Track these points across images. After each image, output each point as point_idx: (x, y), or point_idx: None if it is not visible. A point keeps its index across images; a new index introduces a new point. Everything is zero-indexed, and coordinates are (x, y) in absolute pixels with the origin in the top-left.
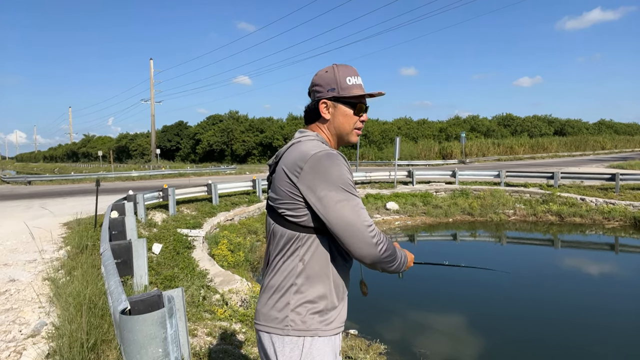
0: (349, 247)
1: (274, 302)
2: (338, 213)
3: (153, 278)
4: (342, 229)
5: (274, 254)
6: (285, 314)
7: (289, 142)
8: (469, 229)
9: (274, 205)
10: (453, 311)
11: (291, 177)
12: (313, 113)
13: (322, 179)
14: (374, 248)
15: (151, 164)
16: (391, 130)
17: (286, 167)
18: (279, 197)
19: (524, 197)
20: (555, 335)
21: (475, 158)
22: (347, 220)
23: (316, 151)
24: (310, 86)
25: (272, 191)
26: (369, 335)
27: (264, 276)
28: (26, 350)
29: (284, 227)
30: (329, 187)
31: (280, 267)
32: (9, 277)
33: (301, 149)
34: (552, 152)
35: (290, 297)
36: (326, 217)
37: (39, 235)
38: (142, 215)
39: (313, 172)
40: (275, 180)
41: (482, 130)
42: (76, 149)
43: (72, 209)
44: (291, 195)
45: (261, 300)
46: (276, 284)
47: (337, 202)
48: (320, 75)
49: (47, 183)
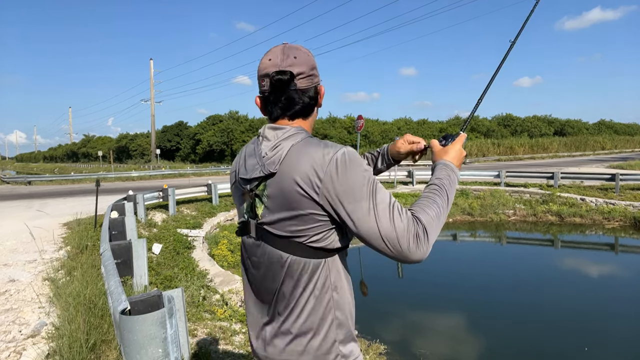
0: (391, 257)
1: (316, 346)
2: (370, 224)
3: (153, 278)
4: (379, 244)
5: (291, 290)
6: (337, 353)
7: (274, 144)
8: (469, 229)
9: (280, 232)
10: (452, 311)
11: (309, 192)
12: (310, 103)
13: (352, 187)
14: (415, 248)
15: (151, 164)
16: (391, 130)
17: (298, 182)
18: (295, 221)
19: (524, 197)
20: (555, 335)
21: (475, 158)
22: (385, 231)
23: (333, 152)
24: (285, 68)
25: (272, 211)
26: (369, 336)
27: (273, 319)
28: (26, 350)
29: (307, 257)
30: (359, 196)
31: (309, 305)
32: (9, 277)
33: (312, 152)
34: (552, 153)
35: (336, 333)
36: (359, 233)
37: (39, 236)
38: (142, 216)
39: (338, 182)
40: (273, 196)
41: (482, 130)
42: (76, 149)
43: (72, 209)
44: (314, 215)
45: (289, 350)
46: (312, 326)
47: (369, 210)
48: (307, 54)
49: (47, 183)
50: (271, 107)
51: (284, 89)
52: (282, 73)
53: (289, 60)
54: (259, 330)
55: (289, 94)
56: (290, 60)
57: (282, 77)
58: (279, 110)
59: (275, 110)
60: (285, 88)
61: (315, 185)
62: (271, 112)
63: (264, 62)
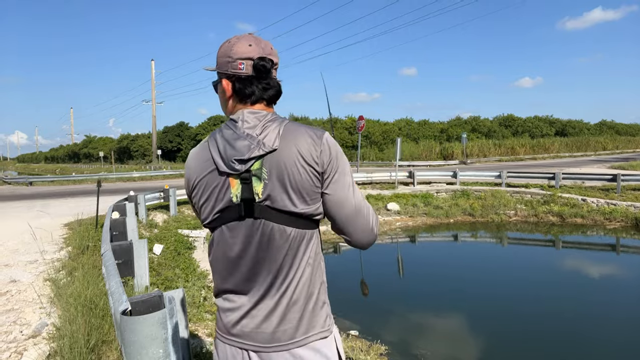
0: (351, 233)
1: (311, 309)
2: (351, 198)
3: (154, 279)
4: (351, 216)
5: (291, 262)
6: (326, 313)
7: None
8: (470, 230)
9: (282, 206)
10: (453, 312)
11: (311, 162)
12: (279, 92)
13: (341, 162)
14: (374, 232)
15: (152, 164)
16: (392, 131)
17: (306, 153)
18: (296, 193)
19: (525, 198)
20: (556, 336)
21: (476, 159)
22: (357, 205)
23: (322, 132)
24: (267, 56)
25: (274, 187)
26: (370, 336)
27: (268, 295)
28: (27, 350)
29: (306, 228)
30: (345, 171)
31: (305, 274)
32: (10, 277)
33: (304, 130)
34: (554, 153)
35: (324, 295)
36: (339, 204)
37: (40, 236)
38: (143, 216)
39: (332, 154)
40: (273, 172)
41: (483, 131)
42: (77, 150)
43: (74, 209)
44: (313, 186)
45: (287, 319)
46: (309, 292)
47: (350, 185)
48: (270, 44)
49: (48, 184)
50: (252, 89)
51: (265, 74)
52: (265, 60)
53: (269, 49)
54: (247, 310)
55: (268, 80)
56: (269, 50)
57: (265, 63)
58: (259, 92)
59: (256, 91)
60: (267, 74)
61: (315, 156)
62: (251, 92)
63: (242, 46)
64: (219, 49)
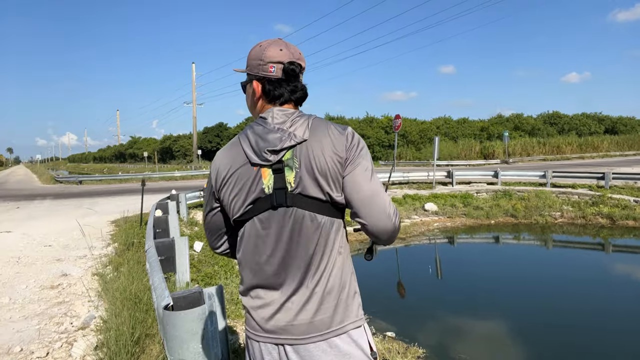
0: (366, 216)
1: (345, 297)
2: (367, 181)
3: (194, 275)
4: (367, 199)
5: (323, 250)
6: (358, 302)
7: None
8: (512, 232)
9: (314, 194)
10: (494, 316)
11: (339, 151)
12: (305, 95)
13: (362, 149)
14: (392, 220)
15: (193, 164)
16: (430, 129)
17: (332, 143)
18: (326, 180)
19: (572, 199)
20: (603, 346)
21: (519, 158)
22: (374, 189)
23: (345, 126)
24: (296, 60)
25: (306, 175)
26: (407, 338)
27: (302, 285)
28: (76, 342)
29: (335, 217)
30: (364, 156)
31: (337, 263)
32: (62, 271)
33: (330, 124)
34: (603, 152)
35: (355, 284)
36: (355, 186)
37: (88, 233)
38: (184, 214)
39: (353, 142)
40: (305, 161)
41: (527, 129)
42: (123, 150)
43: (120, 207)
44: (337, 173)
45: (323, 308)
46: (342, 280)
47: (368, 170)
48: (298, 49)
49: (96, 183)
50: (281, 91)
51: (294, 78)
52: (294, 64)
53: (297, 54)
54: (281, 303)
55: (296, 83)
56: (298, 55)
57: (294, 67)
58: (287, 94)
59: (285, 93)
60: (295, 77)
61: (339, 145)
62: (280, 94)
63: (273, 50)
64: (250, 52)
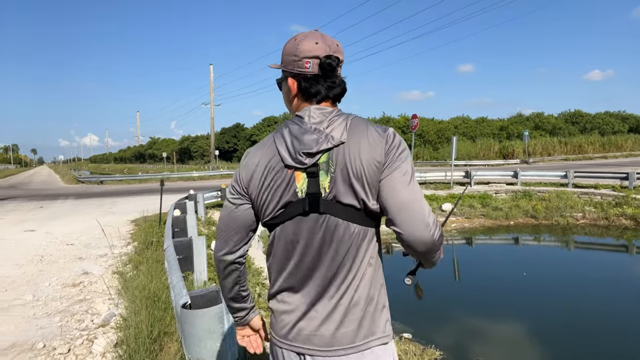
0: (402, 224)
1: (372, 311)
2: (405, 186)
3: (212, 274)
4: (404, 204)
5: (352, 260)
6: (386, 317)
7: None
8: (532, 233)
9: (348, 201)
10: (512, 319)
11: (377, 156)
12: (344, 90)
13: (403, 152)
14: (430, 229)
15: (210, 164)
16: (447, 129)
17: (371, 146)
18: (362, 186)
19: (595, 200)
20: (628, 349)
21: (539, 157)
22: (413, 195)
23: (386, 127)
24: (333, 54)
25: (341, 180)
26: (424, 340)
27: (327, 294)
28: (97, 339)
29: (369, 226)
30: (405, 159)
31: (366, 275)
32: (83, 270)
33: (370, 125)
34: (627, 151)
35: (384, 299)
36: (392, 190)
37: (109, 232)
38: (202, 214)
39: (394, 143)
40: (341, 165)
41: (548, 128)
42: (143, 151)
43: (139, 207)
44: (376, 181)
45: (347, 321)
46: (370, 293)
47: (407, 174)
48: (336, 41)
49: (117, 183)
50: (317, 88)
51: (331, 73)
52: (331, 58)
53: (335, 46)
54: (305, 312)
55: (334, 78)
56: (335, 47)
57: (332, 61)
58: (324, 90)
59: (322, 90)
60: (333, 72)
61: (380, 149)
62: (317, 92)
63: (308, 44)
64: (285, 46)
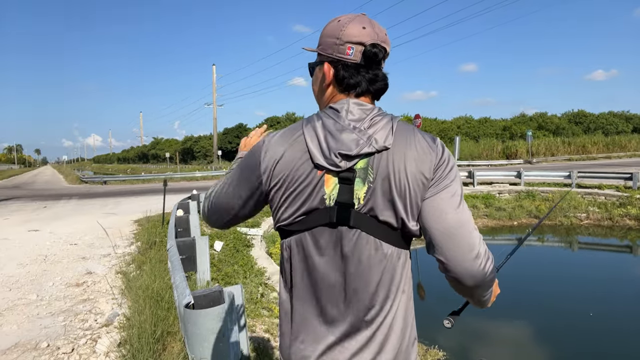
0: (448, 252)
1: (405, 345)
2: (454, 209)
3: (214, 274)
4: (451, 231)
5: (387, 286)
6: (416, 351)
7: (369, 118)
8: (536, 233)
9: (385, 217)
10: (516, 319)
11: (424, 170)
12: (387, 85)
13: (452, 169)
14: (482, 261)
15: (213, 164)
16: (450, 129)
17: (418, 157)
18: (403, 203)
19: (598, 200)
20: (630, 351)
21: (542, 158)
22: (462, 219)
23: (434, 137)
24: (380, 43)
25: (381, 193)
26: (427, 341)
27: (360, 324)
28: (101, 338)
29: (403, 248)
30: (454, 178)
31: (402, 303)
32: (87, 269)
33: (418, 131)
34: (631, 151)
35: (415, 330)
36: (438, 213)
37: (112, 232)
38: None
39: (443, 159)
40: (383, 174)
41: (551, 128)
42: (146, 151)
43: (142, 207)
44: (419, 196)
45: (380, 358)
46: (403, 327)
47: (457, 195)
48: (385, 30)
49: (120, 183)
50: (358, 79)
51: (376, 64)
52: (378, 47)
53: (383, 35)
54: (330, 345)
55: (377, 71)
56: (384, 36)
57: (378, 51)
58: (366, 83)
59: (363, 83)
60: (377, 64)
61: (428, 162)
62: (357, 83)
63: (354, 27)
64: (325, 28)
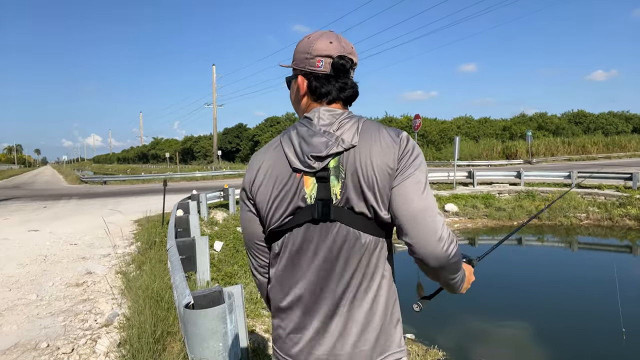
0: (414, 236)
1: (387, 326)
2: (419, 195)
3: (214, 274)
4: (416, 215)
5: (363, 272)
6: (401, 331)
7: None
8: (536, 233)
9: (360, 209)
10: (516, 319)
11: (389, 162)
12: (356, 93)
13: (417, 158)
14: (443, 244)
15: (213, 165)
16: (450, 129)
17: (383, 150)
18: (374, 194)
19: (598, 200)
20: (630, 352)
21: (542, 158)
22: (426, 205)
23: (399, 130)
24: (347, 55)
25: (352, 186)
26: (426, 341)
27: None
28: (100, 338)
29: (381, 237)
30: (418, 166)
31: (382, 288)
32: (87, 269)
33: (383, 128)
34: (631, 152)
35: (398, 312)
36: (404, 199)
37: (112, 232)
38: (204, 214)
39: (407, 149)
40: (351, 170)
41: (551, 128)
42: (146, 151)
43: (142, 207)
44: (388, 186)
45: (364, 338)
46: (385, 308)
47: (421, 182)
48: (351, 43)
49: (120, 183)
50: (328, 88)
51: (344, 74)
52: (345, 58)
53: (349, 48)
54: (317, 330)
55: (346, 80)
56: (350, 49)
57: (345, 62)
58: (335, 91)
59: (333, 91)
60: (345, 74)
61: (393, 154)
62: (327, 92)
63: (322, 42)
64: (298, 44)
